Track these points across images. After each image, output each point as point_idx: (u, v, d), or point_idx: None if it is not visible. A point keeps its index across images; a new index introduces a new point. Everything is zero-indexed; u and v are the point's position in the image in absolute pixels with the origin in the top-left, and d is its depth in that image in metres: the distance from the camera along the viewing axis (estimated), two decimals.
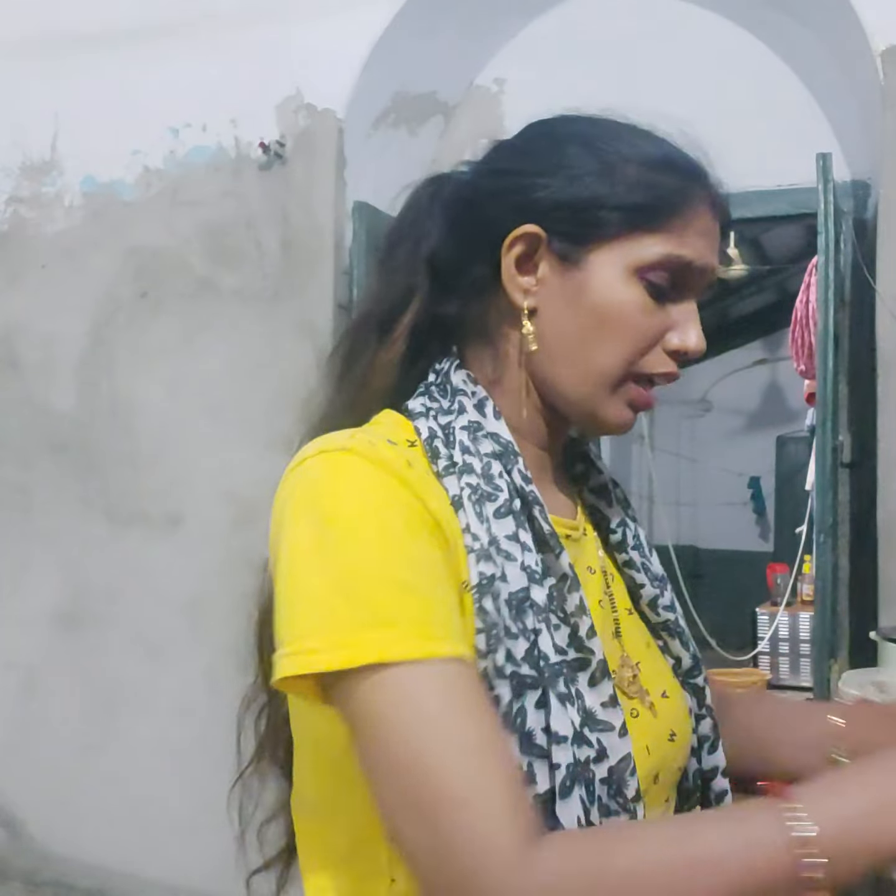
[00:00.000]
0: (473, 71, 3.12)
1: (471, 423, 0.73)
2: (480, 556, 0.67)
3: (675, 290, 0.75)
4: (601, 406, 0.75)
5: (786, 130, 2.74)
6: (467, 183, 0.79)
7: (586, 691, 0.69)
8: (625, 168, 0.73)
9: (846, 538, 2.70)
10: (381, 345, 0.78)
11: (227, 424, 2.95)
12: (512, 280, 0.75)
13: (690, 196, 0.74)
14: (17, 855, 3.19)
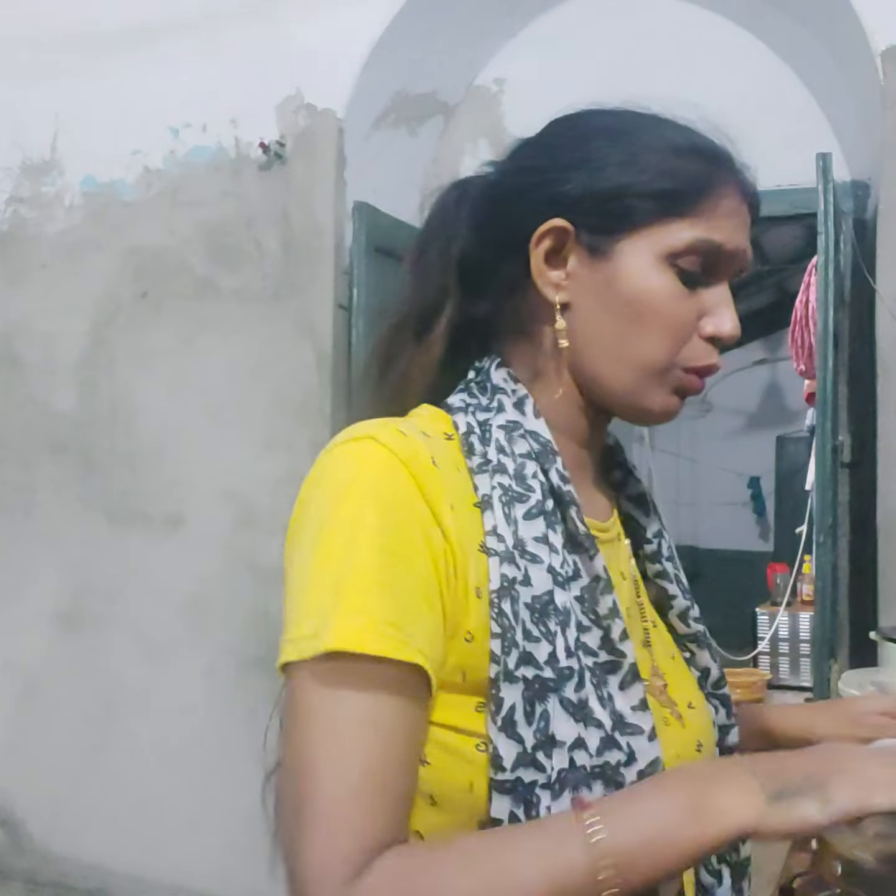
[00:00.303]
0: (473, 71, 3.12)
1: (508, 423, 0.73)
2: (504, 559, 0.67)
3: (707, 276, 0.74)
4: (647, 396, 0.75)
5: (786, 130, 2.74)
6: (493, 182, 0.79)
7: (616, 694, 0.69)
8: (648, 157, 0.73)
9: (846, 538, 2.70)
10: (418, 347, 0.79)
11: (227, 424, 2.95)
12: (542, 275, 0.75)
13: (715, 179, 0.73)
14: (17, 855, 3.19)
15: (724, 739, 0.83)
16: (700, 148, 0.75)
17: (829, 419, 2.47)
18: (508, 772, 0.64)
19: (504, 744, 0.64)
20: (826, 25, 2.64)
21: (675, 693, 0.78)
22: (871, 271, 2.49)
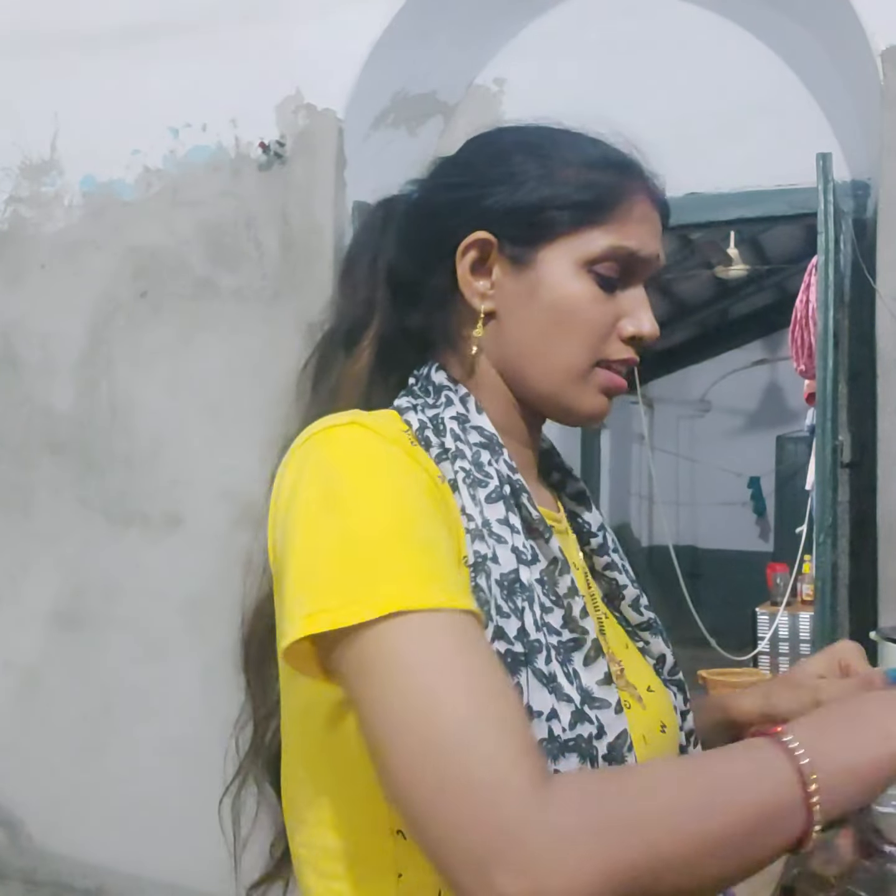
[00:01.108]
0: (473, 71, 3.12)
1: (459, 415, 0.76)
2: (475, 536, 0.69)
3: (623, 280, 0.78)
4: (574, 397, 0.78)
5: (786, 130, 2.74)
6: (418, 200, 0.83)
7: (582, 670, 0.71)
8: (564, 170, 0.77)
9: (846, 538, 2.70)
10: (347, 358, 0.82)
11: (226, 424, 2.95)
12: (468, 286, 0.78)
13: (627, 188, 0.77)
14: (15, 854, 3.19)
15: (684, 722, 0.84)
16: (611, 159, 0.79)
17: (829, 419, 2.47)
18: None
19: None
20: (826, 25, 2.64)
21: (632, 678, 0.80)
22: (871, 271, 2.49)
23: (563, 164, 0.77)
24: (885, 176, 2.43)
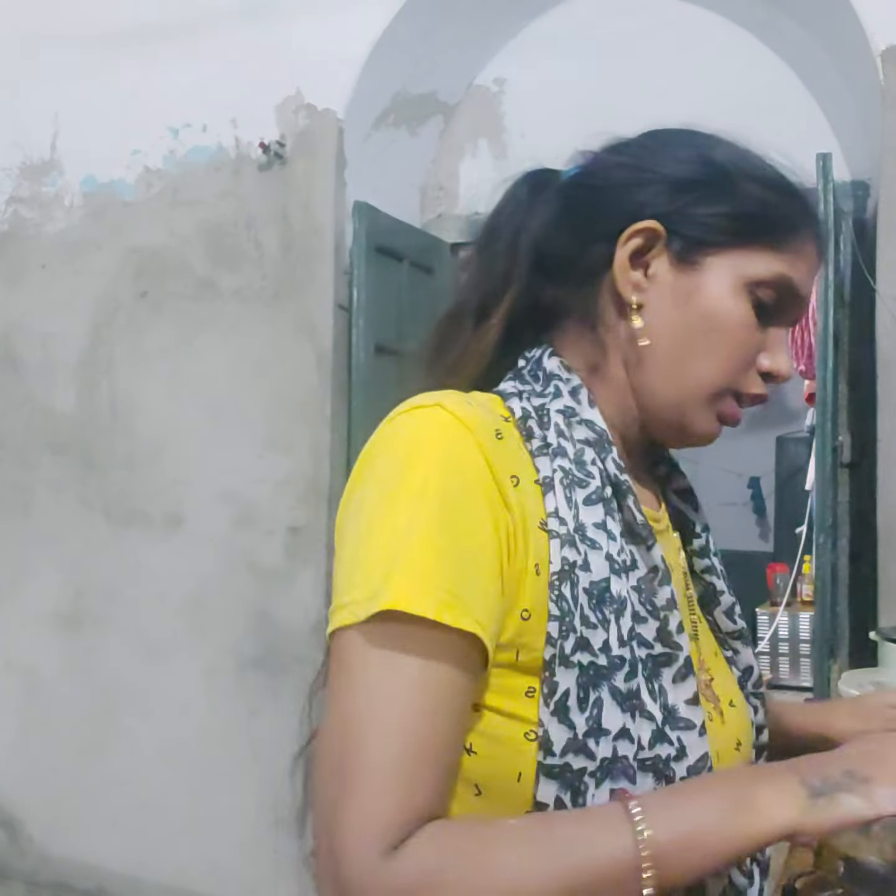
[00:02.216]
0: (473, 71, 3.12)
1: (566, 408, 0.73)
2: (565, 542, 0.67)
3: (776, 312, 0.75)
4: (692, 415, 0.75)
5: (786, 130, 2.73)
6: (588, 173, 0.79)
7: (670, 687, 0.69)
8: (751, 184, 0.75)
9: (846, 538, 2.70)
10: (475, 332, 0.78)
11: (227, 424, 2.94)
12: (624, 273, 0.74)
13: (804, 223, 0.76)
14: (16, 855, 3.19)
15: (757, 739, 0.83)
16: (793, 191, 0.78)
17: (829, 419, 2.46)
18: (558, 756, 0.64)
19: (556, 728, 0.64)
20: (826, 25, 2.64)
21: (718, 689, 0.78)
22: (871, 271, 2.49)
23: (751, 179, 0.75)
24: (885, 176, 2.43)
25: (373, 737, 0.59)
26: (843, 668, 2.46)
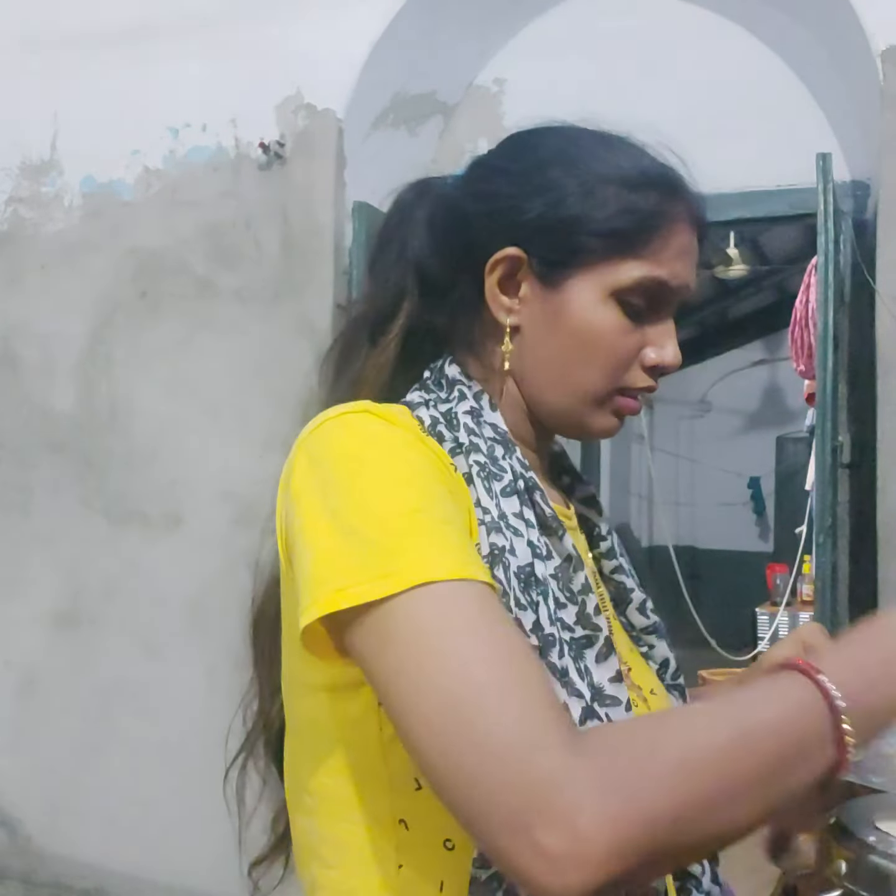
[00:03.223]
0: (473, 71, 3.12)
1: (472, 409, 0.76)
2: (491, 528, 0.69)
3: (651, 310, 0.76)
4: (586, 418, 0.78)
5: (786, 130, 2.74)
6: (450, 200, 0.81)
7: (594, 668, 0.70)
8: (603, 190, 0.74)
9: (846, 538, 2.70)
10: (374, 346, 0.81)
11: (226, 424, 2.95)
12: (495, 299, 0.77)
13: (668, 215, 0.75)
14: (14, 855, 3.19)
15: None
16: (653, 179, 0.76)
17: (829, 419, 2.47)
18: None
19: None
20: (826, 25, 2.64)
21: (637, 679, 0.80)
22: (871, 271, 2.49)
23: (603, 182, 0.75)
24: (885, 176, 2.43)
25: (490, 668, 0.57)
26: None
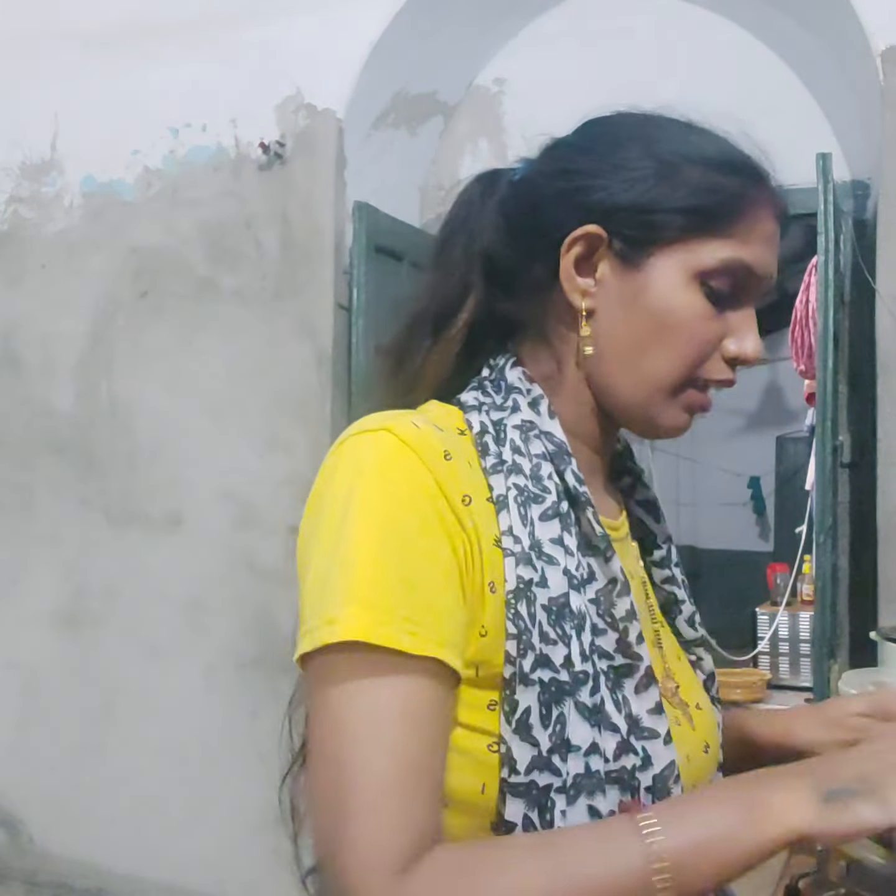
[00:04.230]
0: (473, 71, 3.12)
1: (524, 423, 0.72)
2: (520, 560, 0.66)
3: (735, 297, 0.74)
4: (658, 411, 0.75)
5: (786, 130, 2.73)
6: (525, 181, 0.78)
7: (632, 698, 0.69)
8: (686, 170, 0.72)
9: (846, 538, 2.70)
10: (436, 341, 0.78)
11: (227, 424, 2.94)
12: (570, 281, 0.74)
13: (752, 200, 0.73)
14: (16, 855, 3.19)
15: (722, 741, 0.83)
16: (737, 164, 0.74)
17: (829, 419, 2.46)
18: (522, 775, 0.64)
19: (518, 746, 0.64)
20: (826, 25, 2.64)
21: (685, 695, 0.78)
22: (871, 271, 2.49)
23: (686, 163, 0.72)
24: (885, 176, 2.43)
25: (363, 767, 0.59)
26: (843, 668, 2.46)
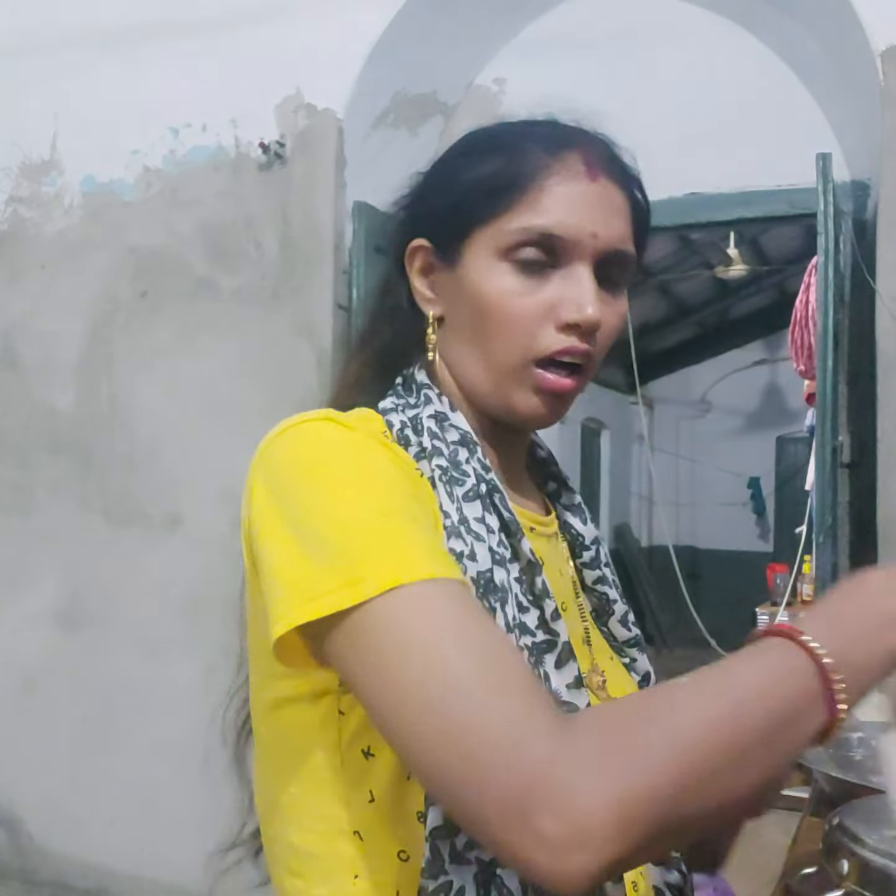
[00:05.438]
0: (473, 71, 3.12)
1: (437, 413, 0.76)
2: (451, 533, 0.68)
3: (553, 263, 0.73)
4: (510, 397, 0.76)
5: (786, 130, 2.74)
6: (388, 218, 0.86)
7: (553, 673, 0.70)
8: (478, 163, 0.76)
9: (846, 538, 2.70)
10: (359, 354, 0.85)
11: (226, 424, 2.94)
12: (418, 292, 0.80)
13: (545, 167, 0.73)
14: (15, 854, 3.19)
15: None
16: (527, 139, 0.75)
17: (829, 419, 2.47)
18: None
19: None
20: (826, 25, 2.64)
21: (614, 691, 0.79)
22: (871, 271, 2.49)
23: (478, 156, 0.76)
24: (885, 176, 2.43)
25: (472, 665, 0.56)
26: None
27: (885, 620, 0.61)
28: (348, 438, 0.67)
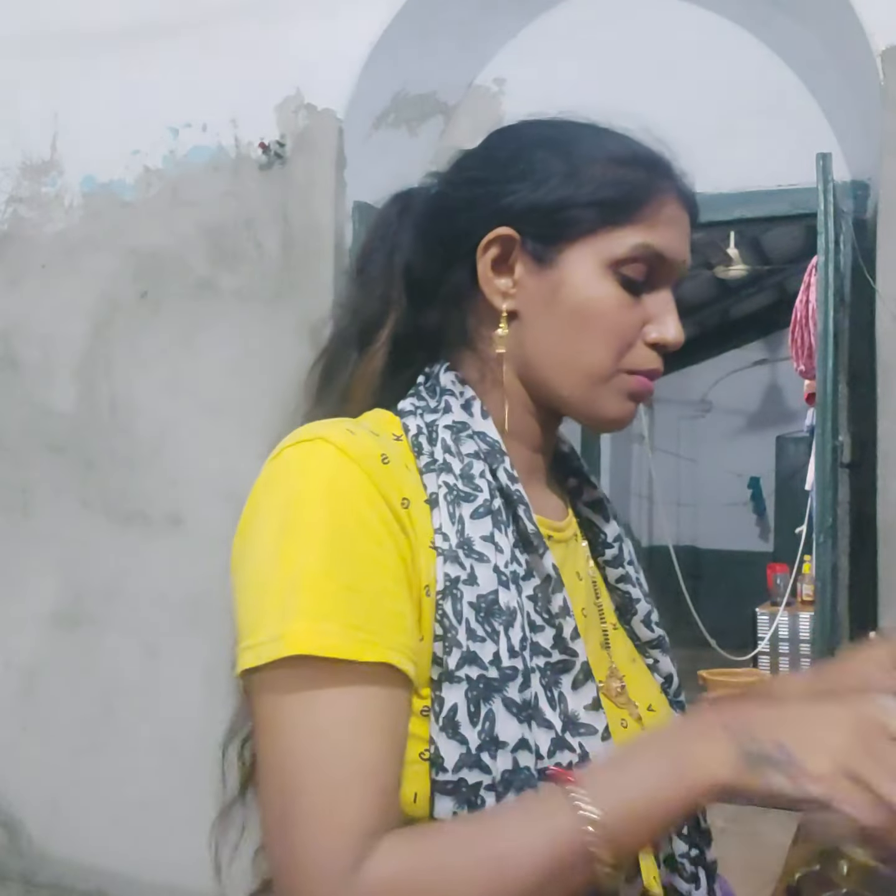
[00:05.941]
0: (473, 71, 3.12)
1: (455, 423, 0.74)
2: (448, 558, 0.67)
3: (649, 283, 0.75)
4: (599, 402, 0.76)
5: (786, 130, 2.74)
6: (438, 195, 0.81)
7: (569, 694, 0.69)
8: (588, 167, 0.74)
9: (846, 538, 2.70)
10: (361, 357, 0.81)
11: (226, 424, 2.94)
12: (489, 284, 0.76)
13: (655, 187, 0.75)
14: (15, 856, 3.19)
15: None
16: (639, 156, 0.76)
17: (829, 419, 2.47)
18: (451, 773, 0.63)
19: (445, 744, 0.64)
20: (826, 25, 2.64)
21: (634, 695, 0.78)
22: (871, 271, 2.49)
23: (588, 160, 0.74)
24: (885, 176, 2.43)
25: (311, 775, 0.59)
26: None
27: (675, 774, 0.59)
28: (330, 478, 0.65)
